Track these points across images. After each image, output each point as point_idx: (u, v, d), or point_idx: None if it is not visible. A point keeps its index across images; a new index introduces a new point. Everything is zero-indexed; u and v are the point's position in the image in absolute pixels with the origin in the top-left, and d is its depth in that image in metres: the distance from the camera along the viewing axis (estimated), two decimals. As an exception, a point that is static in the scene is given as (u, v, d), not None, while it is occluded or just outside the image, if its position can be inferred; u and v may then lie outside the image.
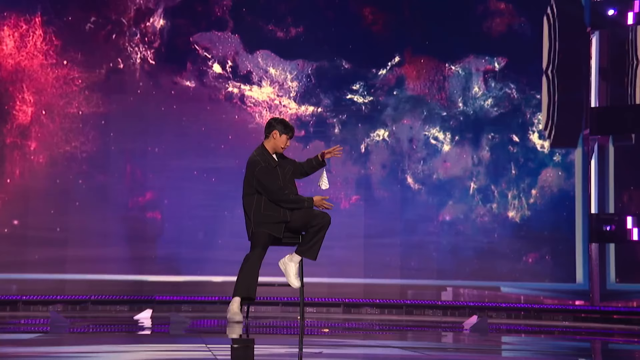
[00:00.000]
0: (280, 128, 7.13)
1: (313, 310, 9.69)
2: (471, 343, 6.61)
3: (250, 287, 6.96)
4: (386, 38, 10.15)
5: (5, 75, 9.54)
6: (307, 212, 7.05)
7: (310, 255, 7.11)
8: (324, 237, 7.10)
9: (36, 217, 9.45)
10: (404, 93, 10.15)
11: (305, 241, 7.10)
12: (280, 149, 7.17)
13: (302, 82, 10.05)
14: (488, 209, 10.07)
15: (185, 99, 9.84)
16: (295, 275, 7.12)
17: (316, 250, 7.09)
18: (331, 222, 7.07)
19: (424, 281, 9.90)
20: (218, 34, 9.95)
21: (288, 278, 7.13)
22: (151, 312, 7.50)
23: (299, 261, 7.13)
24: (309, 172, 7.34)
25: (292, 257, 7.15)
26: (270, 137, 7.16)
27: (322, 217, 7.07)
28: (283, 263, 7.16)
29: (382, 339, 7.00)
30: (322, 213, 7.11)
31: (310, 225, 7.04)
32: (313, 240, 7.06)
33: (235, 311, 6.98)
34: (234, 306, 7.00)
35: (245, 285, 6.97)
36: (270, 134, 7.15)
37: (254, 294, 7.01)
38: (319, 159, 7.25)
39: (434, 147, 10.13)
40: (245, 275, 7.00)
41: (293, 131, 7.23)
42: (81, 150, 9.62)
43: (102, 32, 9.75)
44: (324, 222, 7.06)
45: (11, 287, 9.37)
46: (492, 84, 10.20)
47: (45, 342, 5.89)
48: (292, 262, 7.13)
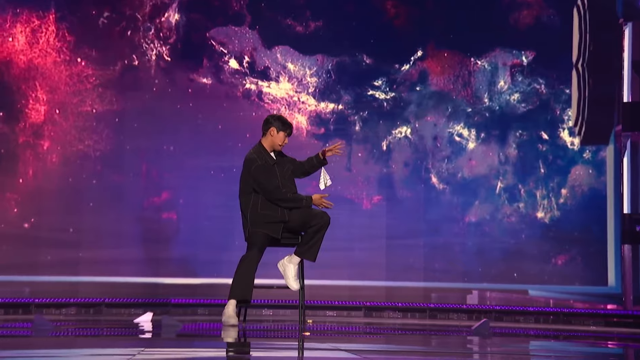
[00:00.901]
0: (277, 125, 6.90)
1: (333, 314, 9.39)
2: (497, 349, 6.27)
3: (246, 289, 6.75)
4: (409, 32, 9.81)
5: (18, 72, 9.32)
6: (305, 212, 6.82)
7: (309, 256, 6.87)
8: (323, 237, 6.86)
9: (49, 217, 9.22)
10: (427, 89, 9.80)
11: (304, 242, 6.86)
12: (278, 147, 6.94)
13: (321, 78, 9.74)
14: (515, 208, 9.70)
15: (202, 96, 9.57)
16: (294, 277, 6.88)
17: (315, 251, 6.85)
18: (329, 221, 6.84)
19: (449, 284, 9.57)
20: (235, 29, 9.67)
21: (287, 280, 6.90)
22: (152, 315, 7.24)
23: (298, 262, 6.90)
24: (309, 171, 7.08)
25: (291, 259, 6.91)
26: (268, 135, 6.92)
27: (321, 217, 6.83)
28: (282, 265, 6.92)
29: (399, 343, 6.65)
30: (321, 212, 6.86)
31: (309, 225, 6.81)
32: (312, 241, 6.83)
33: (231, 314, 6.75)
34: (229, 309, 6.77)
35: (240, 288, 6.74)
36: (268, 131, 6.92)
37: (249, 297, 6.81)
38: (320, 157, 6.97)
39: (459, 145, 9.78)
40: (241, 277, 6.76)
41: (291, 128, 6.99)
42: (95, 149, 9.38)
43: (116, 28, 9.51)
44: (323, 222, 6.82)
45: (24, 290, 9.15)
46: (519, 79, 9.83)
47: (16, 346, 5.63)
48: (291, 264, 6.88)
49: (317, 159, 6.95)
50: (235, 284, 6.76)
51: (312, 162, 7.01)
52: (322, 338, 6.73)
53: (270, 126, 6.90)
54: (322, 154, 6.95)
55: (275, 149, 6.94)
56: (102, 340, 6.33)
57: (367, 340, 6.91)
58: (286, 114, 9.66)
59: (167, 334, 6.52)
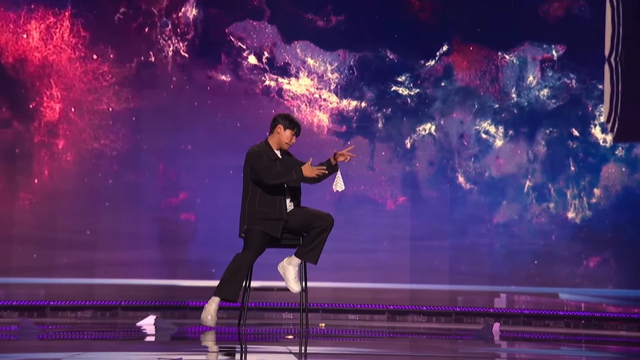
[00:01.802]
0: (285, 123, 6.69)
1: (355, 318, 9.10)
2: (525, 355, 5.95)
3: (234, 291, 6.52)
4: (434, 26, 9.49)
5: (32, 70, 9.12)
6: (308, 213, 6.61)
7: (310, 258, 6.63)
8: (325, 239, 6.63)
9: (65, 218, 9.01)
10: (453, 84, 9.48)
11: (306, 243, 6.63)
12: (285, 145, 6.72)
13: (343, 74, 9.44)
14: (545, 208, 9.35)
15: (220, 94, 9.32)
16: (294, 279, 6.65)
17: (317, 254, 6.62)
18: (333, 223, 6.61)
19: (475, 287, 9.24)
20: (254, 24, 9.40)
21: (287, 282, 6.68)
22: (154, 318, 7.01)
23: (298, 264, 6.66)
24: (321, 177, 6.77)
25: (290, 260, 6.68)
26: (275, 132, 6.72)
27: (325, 219, 6.59)
28: (282, 267, 6.70)
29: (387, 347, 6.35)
30: (325, 214, 6.63)
31: (312, 226, 6.58)
32: (314, 243, 6.59)
33: (212, 314, 6.54)
34: (211, 307, 6.56)
35: (227, 288, 6.52)
36: (275, 129, 6.71)
37: (235, 298, 6.58)
38: (331, 162, 6.69)
39: (486, 143, 9.44)
40: (231, 277, 6.53)
41: (299, 127, 6.75)
42: (111, 149, 9.16)
43: (132, 24, 9.27)
44: (326, 224, 6.59)
45: (39, 292, 8.95)
46: (549, 74, 9.47)
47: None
48: (291, 266, 6.66)
49: (328, 165, 6.68)
50: (223, 283, 6.53)
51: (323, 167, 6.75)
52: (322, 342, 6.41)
53: (277, 124, 6.71)
54: (333, 159, 6.69)
55: (282, 147, 6.72)
56: (109, 344, 6.09)
57: (357, 344, 6.57)
58: (307, 111, 9.39)
59: (161, 337, 6.25)
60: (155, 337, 6.34)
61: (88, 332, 6.98)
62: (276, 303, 9.05)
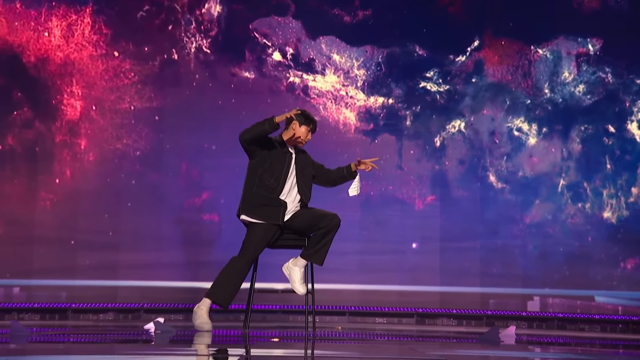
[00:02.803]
0: (300, 119, 6.50)
1: (383, 321, 8.84)
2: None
3: (226, 297, 6.39)
4: (464, 20, 9.20)
5: (54, 68, 8.97)
6: (314, 213, 6.42)
7: (316, 259, 6.45)
8: (332, 240, 6.45)
9: (86, 219, 8.85)
10: (483, 80, 9.18)
11: (312, 244, 6.45)
12: (300, 142, 6.54)
13: (370, 71, 9.18)
14: (580, 208, 9.03)
15: (244, 91, 9.10)
16: (300, 281, 6.49)
17: (323, 255, 6.44)
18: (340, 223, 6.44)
19: (508, 289, 8.94)
20: (278, 20, 9.17)
21: (293, 284, 6.52)
22: (163, 320, 6.83)
23: (304, 265, 6.50)
24: (337, 181, 6.66)
25: (296, 262, 6.50)
26: (290, 128, 6.53)
27: (331, 219, 6.40)
28: (287, 268, 6.54)
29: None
30: (331, 214, 6.43)
31: (318, 227, 6.40)
32: (320, 244, 6.41)
33: (205, 319, 6.40)
34: (202, 311, 6.40)
35: (221, 293, 6.39)
36: (290, 125, 6.53)
37: (227, 307, 6.46)
38: (351, 168, 6.54)
39: (518, 140, 9.14)
40: (225, 283, 6.39)
41: (315, 124, 6.57)
42: (134, 148, 8.99)
43: (155, 21, 9.09)
44: (333, 224, 6.40)
45: (61, 295, 8.80)
46: (584, 68, 9.14)
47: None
48: (297, 267, 6.49)
49: (347, 171, 6.55)
50: (216, 285, 6.39)
51: (342, 172, 6.61)
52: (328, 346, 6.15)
53: (292, 119, 6.50)
54: (354, 165, 6.53)
55: (296, 144, 6.54)
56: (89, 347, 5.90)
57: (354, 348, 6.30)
58: (333, 109, 9.14)
59: (160, 340, 6.04)
60: (154, 340, 6.13)
61: (110, 335, 6.79)
62: (287, 305, 8.81)
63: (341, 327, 7.89)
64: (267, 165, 6.40)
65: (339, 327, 7.90)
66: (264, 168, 6.40)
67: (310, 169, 6.59)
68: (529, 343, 7.01)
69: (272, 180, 6.38)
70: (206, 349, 5.58)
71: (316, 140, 9.07)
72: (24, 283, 8.78)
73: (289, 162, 6.48)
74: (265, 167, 6.40)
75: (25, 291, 8.78)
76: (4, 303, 8.63)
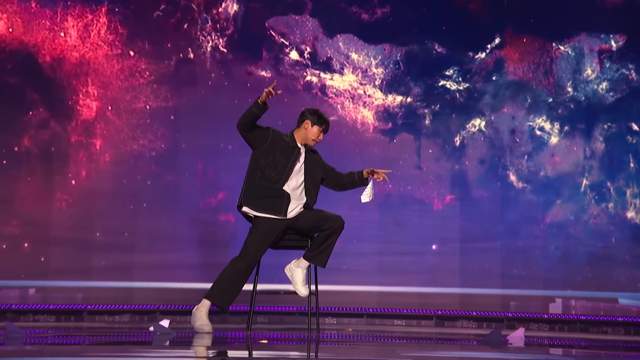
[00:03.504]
0: (313, 118, 6.39)
1: (402, 323, 8.70)
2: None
3: (226, 300, 6.30)
4: (484, 17, 9.05)
5: (69, 68, 8.91)
6: (318, 215, 6.32)
7: (319, 261, 6.35)
8: (335, 242, 6.35)
9: (102, 220, 8.79)
10: (504, 78, 9.02)
11: (315, 246, 6.34)
12: (311, 142, 6.42)
13: (389, 69, 9.05)
14: (603, 208, 8.84)
15: (260, 90, 8.89)
16: (302, 283, 6.40)
17: (326, 257, 6.34)
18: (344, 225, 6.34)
19: (529, 291, 8.77)
20: (295, 18, 9.06)
21: (295, 286, 6.43)
22: (168, 322, 6.75)
23: (306, 267, 6.39)
24: (347, 186, 6.54)
25: (298, 263, 6.40)
26: (302, 128, 6.43)
27: (335, 221, 6.30)
28: (289, 269, 6.44)
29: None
30: (334, 216, 6.33)
31: (321, 228, 6.30)
32: (323, 246, 6.31)
33: (205, 321, 6.30)
34: (202, 313, 6.30)
35: (222, 295, 6.29)
36: (302, 124, 6.42)
37: (226, 309, 6.38)
38: (363, 175, 6.44)
39: (540, 139, 8.97)
40: (225, 285, 6.29)
41: (328, 124, 6.45)
42: (149, 149, 8.91)
43: (171, 20, 9.01)
44: (336, 226, 6.29)
45: (76, 296, 8.74)
46: (607, 65, 8.95)
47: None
48: (299, 268, 6.39)
49: (359, 177, 6.45)
50: (217, 287, 6.29)
51: (352, 177, 6.49)
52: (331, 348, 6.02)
53: (304, 118, 6.42)
54: (366, 172, 6.43)
55: (307, 143, 6.41)
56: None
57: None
58: (350, 108, 9.02)
59: (159, 342, 5.93)
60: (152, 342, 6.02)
61: (125, 336, 6.72)
62: (292, 307, 8.69)
63: (351, 329, 7.77)
64: (271, 158, 6.30)
65: (348, 329, 7.78)
66: (267, 161, 6.30)
67: (320, 170, 6.47)
68: (551, 346, 6.85)
69: (273, 173, 6.28)
70: (205, 351, 5.47)
71: (334, 139, 8.98)
72: (40, 284, 8.73)
73: (295, 159, 6.36)
74: (269, 159, 6.30)
75: (41, 292, 8.73)
76: (19, 304, 8.58)
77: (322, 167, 6.50)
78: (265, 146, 6.32)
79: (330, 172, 6.51)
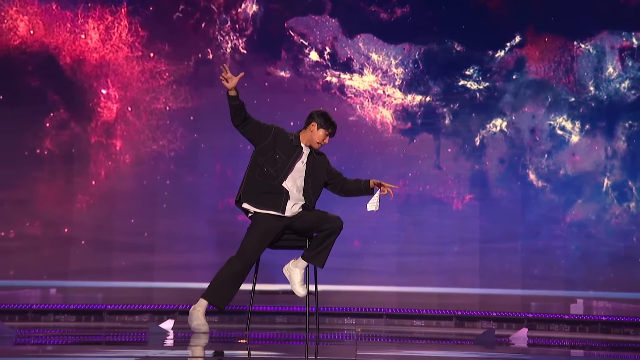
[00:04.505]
0: (319, 121, 6.37)
1: (421, 324, 8.65)
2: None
3: (224, 299, 6.33)
4: (504, 15, 8.97)
5: (90, 70, 8.97)
6: (317, 215, 6.31)
7: (317, 262, 6.34)
8: (333, 242, 6.33)
9: (122, 220, 8.83)
10: (524, 77, 8.94)
11: (313, 246, 6.33)
12: (316, 144, 6.39)
13: (408, 69, 9.01)
14: (625, 208, 8.73)
15: (280, 91, 9.00)
16: (300, 283, 6.40)
17: (324, 257, 6.32)
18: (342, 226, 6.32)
19: (550, 292, 8.68)
20: (315, 18, 9.05)
21: (293, 286, 6.44)
22: (173, 322, 6.75)
23: (304, 267, 6.39)
24: (352, 193, 6.52)
25: (297, 263, 6.40)
26: (308, 129, 6.41)
27: (334, 221, 6.29)
28: (287, 269, 6.45)
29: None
30: (333, 217, 6.31)
31: (320, 229, 6.29)
32: (322, 246, 6.29)
33: (202, 321, 6.33)
34: (199, 313, 6.33)
35: (219, 295, 6.32)
36: (308, 126, 6.40)
37: (224, 309, 6.40)
38: (369, 184, 6.43)
39: (561, 138, 8.88)
40: (222, 284, 6.30)
41: (334, 128, 6.41)
42: (169, 149, 8.94)
43: (190, 21, 9.04)
44: (335, 227, 6.28)
45: (97, 296, 8.79)
46: (629, 64, 8.84)
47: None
48: (297, 269, 6.38)
49: (365, 186, 6.44)
50: (214, 287, 6.32)
51: (358, 185, 6.47)
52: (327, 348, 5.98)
53: (312, 120, 6.40)
54: (372, 183, 6.42)
55: (312, 145, 6.40)
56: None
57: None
58: (370, 108, 8.99)
59: (154, 342, 5.93)
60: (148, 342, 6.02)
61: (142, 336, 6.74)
62: (297, 307, 8.66)
63: (360, 330, 7.73)
64: (270, 155, 6.31)
65: (357, 329, 7.74)
66: (267, 157, 6.31)
67: (323, 175, 6.45)
68: (572, 347, 6.77)
69: (272, 170, 6.28)
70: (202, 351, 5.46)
71: (353, 140, 8.96)
72: (61, 284, 8.78)
73: (296, 158, 6.35)
74: (268, 156, 6.31)
75: (62, 292, 8.79)
76: (40, 304, 8.65)
77: (327, 171, 6.48)
78: (266, 143, 6.32)
79: (337, 177, 6.49)
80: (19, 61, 8.84)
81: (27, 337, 6.31)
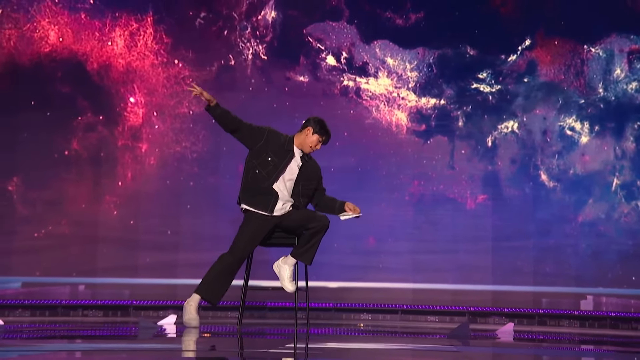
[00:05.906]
0: (315, 127, 6.58)
1: (435, 320, 8.91)
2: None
3: (216, 294, 6.59)
4: (516, 20, 9.23)
5: (117, 76, 9.36)
6: (304, 214, 6.57)
7: (305, 259, 6.58)
8: (320, 240, 6.56)
9: (148, 220, 9.21)
10: (536, 80, 9.19)
11: (301, 244, 6.58)
12: (308, 148, 6.61)
13: (422, 72, 9.29)
14: (634, 207, 8.94)
15: (298, 95, 9.33)
16: (289, 279, 6.63)
17: (312, 254, 6.56)
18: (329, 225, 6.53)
19: (560, 289, 8.91)
20: (333, 25, 9.37)
21: (282, 282, 6.66)
22: (175, 317, 7.03)
23: (293, 264, 6.63)
24: (324, 209, 6.72)
25: (286, 260, 6.64)
26: (302, 133, 6.63)
27: (320, 220, 6.53)
28: (277, 266, 6.68)
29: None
30: (320, 215, 6.56)
31: (307, 227, 6.53)
32: (309, 244, 6.53)
33: (194, 315, 6.57)
34: (191, 308, 6.59)
35: (211, 290, 6.59)
36: (304, 129, 6.62)
37: (216, 304, 6.64)
38: (343, 207, 6.67)
39: (571, 139, 9.11)
40: (214, 279, 6.58)
41: (328, 136, 6.64)
42: (192, 151, 9.31)
43: (212, 28, 9.40)
44: (321, 225, 6.51)
45: (124, 292, 9.17)
46: (637, 66, 9.05)
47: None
48: (286, 265, 6.63)
49: (338, 207, 6.67)
50: (206, 282, 6.58)
51: (333, 204, 6.70)
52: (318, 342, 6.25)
53: (308, 125, 6.61)
54: (347, 207, 6.66)
55: (304, 149, 6.61)
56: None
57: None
58: (385, 111, 9.28)
59: (143, 336, 6.21)
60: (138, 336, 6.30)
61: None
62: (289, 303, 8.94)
63: (362, 325, 7.97)
64: (262, 158, 6.55)
65: (360, 325, 7.99)
66: (259, 160, 6.55)
67: (314, 182, 6.66)
68: (582, 342, 6.99)
69: (264, 172, 6.52)
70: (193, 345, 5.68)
71: (369, 141, 9.27)
72: (89, 281, 9.17)
73: (287, 162, 6.55)
74: (261, 158, 6.55)
75: (90, 289, 9.17)
76: (70, 300, 9.03)
77: (317, 180, 6.68)
78: (259, 145, 6.57)
79: (321, 191, 6.73)
80: (49, 68, 9.25)
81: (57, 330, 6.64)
